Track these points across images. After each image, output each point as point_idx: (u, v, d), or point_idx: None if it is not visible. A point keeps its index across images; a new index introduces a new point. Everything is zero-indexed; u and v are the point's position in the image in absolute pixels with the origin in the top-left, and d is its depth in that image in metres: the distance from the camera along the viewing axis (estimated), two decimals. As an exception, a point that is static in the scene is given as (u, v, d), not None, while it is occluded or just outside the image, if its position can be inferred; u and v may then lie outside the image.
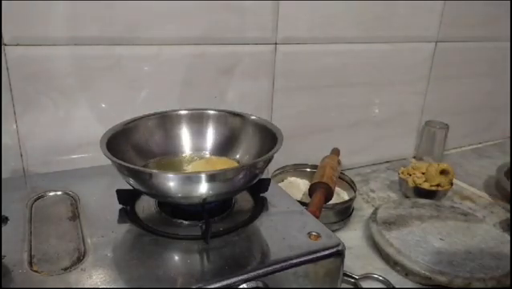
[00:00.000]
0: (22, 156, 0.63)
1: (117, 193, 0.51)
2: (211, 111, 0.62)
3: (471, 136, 1.16)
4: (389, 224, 0.67)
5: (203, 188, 0.45)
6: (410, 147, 1.05)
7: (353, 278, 0.57)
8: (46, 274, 0.40)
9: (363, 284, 0.57)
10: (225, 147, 0.61)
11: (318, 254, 0.45)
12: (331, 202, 0.68)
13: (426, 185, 0.80)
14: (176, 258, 0.45)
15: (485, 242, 0.64)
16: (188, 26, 0.68)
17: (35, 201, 0.53)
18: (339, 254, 0.46)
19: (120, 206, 0.52)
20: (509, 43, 1.07)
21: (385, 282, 0.58)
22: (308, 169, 0.81)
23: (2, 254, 0.42)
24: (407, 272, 0.59)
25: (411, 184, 0.80)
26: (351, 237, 0.68)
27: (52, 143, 0.65)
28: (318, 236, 0.47)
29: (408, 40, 0.91)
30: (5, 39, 0.58)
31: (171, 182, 0.45)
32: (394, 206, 0.73)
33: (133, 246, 0.46)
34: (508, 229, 0.72)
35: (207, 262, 0.43)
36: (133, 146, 0.56)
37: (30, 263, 0.41)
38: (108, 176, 0.51)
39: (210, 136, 0.62)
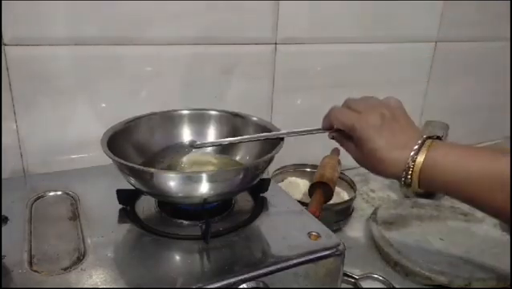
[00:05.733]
0: (22, 156, 0.63)
1: (117, 193, 0.51)
2: (212, 112, 0.62)
3: (471, 136, 1.16)
4: (389, 224, 0.67)
5: (204, 188, 0.45)
6: (410, 147, 1.05)
7: (353, 278, 0.57)
8: (46, 274, 0.40)
9: (363, 284, 0.57)
10: (225, 147, 0.61)
11: (318, 254, 0.45)
12: (331, 202, 0.68)
13: (426, 185, 0.80)
14: (177, 258, 0.45)
15: (485, 242, 0.64)
16: (189, 26, 0.68)
17: (35, 201, 0.53)
18: (339, 254, 0.46)
19: (120, 206, 0.52)
20: (509, 43, 1.06)
21: (385, 282, 0.57)
22: (308, 169, 0.81)
23: (2, 254, 0.42)
24: (407, 272, 0.59)
25: (411, 184, 0.80)
26: (351, 237, 0.68)
27: (52, 143, 0.65)
28: (318, 236, 0.47)
29: (408, 40, 0.91)
30: (5, 39, 0.58)
31: (172, 182, 0.45)
32: (394, 206, 0.73)
33: (133, 246, 0.46)
34: (508, 229, 0.71)
35: (207, 262, 0.43)
36: (134, 145, 0.56)
37: (30, 263, 0.41)
38: (108, 176, 0.51)
39: (211, 137, 0.62)
